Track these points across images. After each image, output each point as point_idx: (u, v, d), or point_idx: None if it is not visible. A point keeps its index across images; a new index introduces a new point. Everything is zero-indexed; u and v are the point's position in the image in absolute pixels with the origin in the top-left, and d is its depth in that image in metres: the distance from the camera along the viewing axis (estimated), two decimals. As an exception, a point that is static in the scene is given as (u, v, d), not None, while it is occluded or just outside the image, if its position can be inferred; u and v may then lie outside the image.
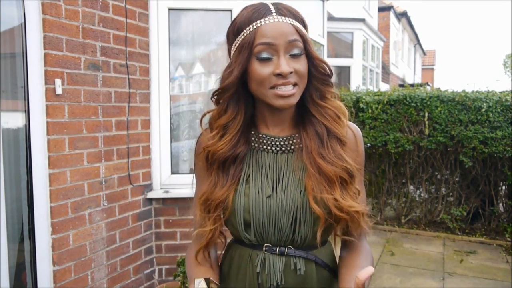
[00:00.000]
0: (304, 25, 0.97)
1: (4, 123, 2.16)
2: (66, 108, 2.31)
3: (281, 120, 1.02)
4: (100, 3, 2.53)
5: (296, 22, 0.94)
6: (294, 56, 0.93)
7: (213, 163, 1.00)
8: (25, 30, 2.15)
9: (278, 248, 0.97)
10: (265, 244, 0.97)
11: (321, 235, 0.94)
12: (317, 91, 0.99)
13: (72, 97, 2.35)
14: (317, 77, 0.98)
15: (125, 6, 2.72)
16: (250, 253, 0.99)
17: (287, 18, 0.93)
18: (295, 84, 0.93)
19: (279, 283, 0.95)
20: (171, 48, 3.05)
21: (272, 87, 0.93)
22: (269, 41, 0.91)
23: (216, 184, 0.98)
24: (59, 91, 2.26)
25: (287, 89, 0.92)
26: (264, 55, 0.92)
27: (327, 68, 0.98)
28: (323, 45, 4.51)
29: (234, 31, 0.96)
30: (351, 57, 9.02)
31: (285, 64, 0.91)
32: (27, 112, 2.19)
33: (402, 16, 16.33)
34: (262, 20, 0.92)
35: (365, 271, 0.78)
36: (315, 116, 0.99)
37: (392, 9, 14.68)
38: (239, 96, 0.98)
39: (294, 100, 0.94)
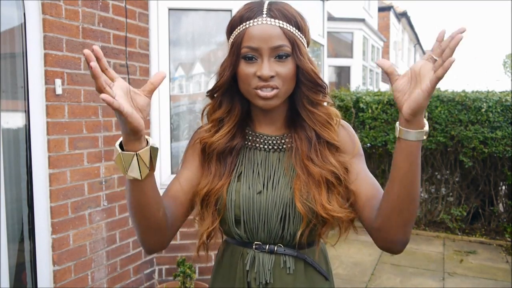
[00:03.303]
0: (299, 28, 0.96)
1: (4, 123, 2.16)
2: (66, 108, 2.31)
3: (273, 119, 1.03)
4: (100, 3, 2.53)
5: (287, 25, 0.93)
6: (279, 59, 0.93)
7: (211, 155, 1.01)
8: (25, 30, 2.15)
9: (268, 246, 0.97)
10: (255, 242, 0.98)
11: (305, 235, 0.94)
12: (307, 97, 0.98)
13: (72, 97, 2.35)
14: (305, 84, 0.97)
15: (125, 6, 2.72)
16: (241, 251, 1.00)
17: (276, 20, 0.93)
18: (277, 87, 0.93)
19: (268, 281, 0.96)
20: (171, 48, 3.05)
21: (255, 88, 0.94)
22: (253, 46, 0.92)
23: (215, 175, 0.99)
24: (59, 91, 2.26)
25: (267, 92, 0.93)
26: (249, 56, 0.93)
27: (315, 78, 0.96)
28: (323, 45, 4.51)
29: (229, 28, 0.99)
30: (351, 57, 9.02)
31: (266, 68, 0.91)
32: (27, 112, 2.19)
33: (402, 16, 16.33)
34: (251, 21, 0.93)
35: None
36: (305, 121, 0.99)
37: (392, 9, 14.69)
38: (233, 92, 1.01)
39: (275, 102, 0.95)
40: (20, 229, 2.28)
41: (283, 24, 0.93)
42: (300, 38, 0.95)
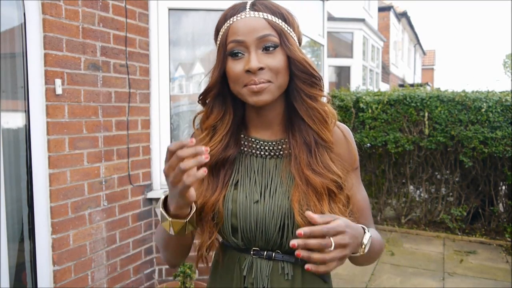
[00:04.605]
0: (286, 21, 0.92)
1: (4, 123, 2.16)
2: (66, 108, 2.31)
3: (269, 122, 1.00)
4: (100, 3, 2.53)
5: (272, 16, 0.90)
6: (267, 51, 0.89)
7: (201, 167, 0.99)
8: (25, 30, 2.15)
9: (265, 252, 0.95)
10: (253, 248, 0.96)
11: None
12: (303, 92, 0.93)
13: (72, 97, 2.35)
14: (299, 76, 0.92)
15: (125, 6, 2.72)
16: (238, 256, 0.98)
17: (260, 13, 0.90)
18: (268, 81, 0.90)
19: (265, 287, 0.94)
20: (171, 48, 3.05)
21: (245, 85, 0.90)
22: (238, 39, 0.89)
23: (208, 188, 0.97)
24: (59, 91, 2.26)
25: (259, 85, 0.89)
26: (236, 51, 0.90)
27: (308, 67, 0.92)
28: (323, 45, 4.51)
29: (215, 31, 0.97)
30: (351, 57, 9.02)
31: (254, 60, 0.88)
32: (27, 112, 2.19)
33: (402, 16, 16.33)
34: (234, 17, 0.91)
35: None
36: (303, 118, 0.95)
37: (392, 9, 14.68)
38: (224, 96, 0.97)
39: (268, 97, 0.90)
40: (20, 229, 2.28)
41: (267, 16, 0.90)
42: (288, 30, 0.92)
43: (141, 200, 2.90)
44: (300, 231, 0.75)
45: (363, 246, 0.87)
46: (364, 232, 0.89)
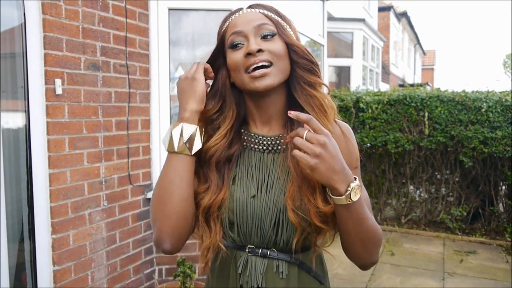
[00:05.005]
0: (282, 18, 0.99)
1: (4, 123, 2.16)
2: (66, 108, 2.31)
3: (269, 118, 1.00)
4: (100, 3, 2.53)
5: (268, 12, 0.97)
6: (266, 38, 0.94)
7: (206, 164, 0.98)
8: (25, 30, 2.15)
9: (260, 250, 0.96)
10: (248, 245, 0.96)
11: (299, 242, 0.93)
12: (303, 79, 0.96)
13: (72, 97, 2.35)
14: (299, 63, 0.95)
15: (125, 6, 2.72)
16: (234, 253, 0.98)
17: (256, 9, 0.98)
18: (270, 64, 0.92)
19: (260, 285, 0.94)
20: (171, 48, 3.05)
21: (247, 71, 0.93)
22: (237, 30, 0.95)
23: (213, 186, 0.96)
24: (59, 91, 2.26)
25: (260, 70, 0.92)
26: (235, 43, 0.95)
27: (306, 52, 0.96)
28: (323, 45, 4.51)
29: (217, 35, 1.02)
30: (351, 57, 9.02)
31: (253, 43, 0.92)
32: (27, 112, 2.19)
33: (402, 16, 16.33)
34: (232, 16, 0.99)
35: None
36: (303, 109, 0.95)
37: (392, 9, 14.67)
38: (225, 96, 1.01)
39: (270, 81, 0.92)
40: (20, 229, 2.28)
41: (263, 11, 0.97)
42: (284, 25, 0.97)
43: (141, 200, 2.91)
44: (291, 111, 0.86)
45: (348, 190, 0.84)
46: (355, 179, 0.87)
